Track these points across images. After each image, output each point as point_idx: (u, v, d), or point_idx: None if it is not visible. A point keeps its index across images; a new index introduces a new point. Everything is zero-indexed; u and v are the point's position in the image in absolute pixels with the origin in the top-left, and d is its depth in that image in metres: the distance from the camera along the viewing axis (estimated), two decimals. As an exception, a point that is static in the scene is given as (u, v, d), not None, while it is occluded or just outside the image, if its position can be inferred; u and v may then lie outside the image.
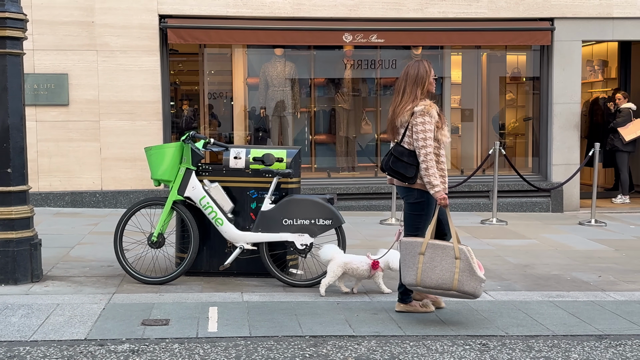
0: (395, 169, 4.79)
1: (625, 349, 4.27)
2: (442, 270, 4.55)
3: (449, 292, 4.60)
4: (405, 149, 4.78)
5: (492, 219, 9.22)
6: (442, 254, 4.59)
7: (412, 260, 4.64)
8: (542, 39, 10.05)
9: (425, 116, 4.71)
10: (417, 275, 4.59)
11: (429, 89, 4.86)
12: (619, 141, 11.08)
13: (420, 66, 4.85)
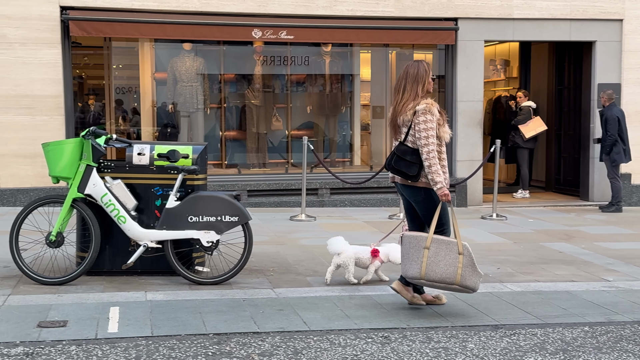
0: (398, 168, 4.86)
1: (519, 338, 4.45)
2: (446, 265, 4.68)
3: (451, 286, 4.75)
4: (409, 147, 4.84)
5: (399, 213, 9.41)
6: (446, 249, 4.72)
7: (416, 254, 4.74)
8: (446, 39, 10.33)
9: (428, 114, 4.76)
10: (422, 268, 4.70)
11: (428, 88, 4.93)
12: (519, 138, 11.53)
13: (420, 66, 4.94)
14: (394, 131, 4.99)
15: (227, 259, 5.79)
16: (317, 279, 5.89)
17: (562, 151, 12.12)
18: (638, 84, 10.73)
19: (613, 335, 4.53)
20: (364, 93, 11.51)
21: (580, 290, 5.70)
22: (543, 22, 10.51)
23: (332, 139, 11.33)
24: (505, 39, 11.15)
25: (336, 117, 11.31)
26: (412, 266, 4.76)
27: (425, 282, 4.77)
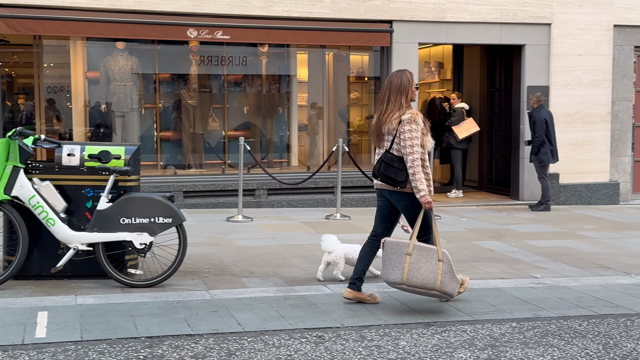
0: (387, 174, 4.98)
1: (449, 334, 4.54)
2: (427, 271, 4.83)
3: (431, 292, 4.90)
4: (395, 155, 4.99)
5: (336, 214, 9.48)
6: (427, 255, 4.88)
7: (398, 260, 4.87)
8: (381, 41, 10.46)
9: (413, 124, 4.91)
10: (404, 274, 4.83)
11: (412, 97, 5.07)
12: (453, 139, 11.77)
13: (402, 76, 5.06)
14: (378, 139, 5.12)
15: (161, 261, 5.72)
16: (253, 280, 5.88)
17: (494, 152, 12.42)
18: (565, 87, 11.09)
19: (539, 330, 4.68)
20: (301, 94, 11.54)
21: (509, 287, 5.86)
22: (475, 26, 10.75)
23: (270, 140, 11.32)
24: (438, 42, 11.36)
25: (273, 117, 11.31)
26: (393, 272, 4.90)
27: (406, 287, 4.92)
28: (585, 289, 5.80)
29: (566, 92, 11.10)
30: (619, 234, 8.65)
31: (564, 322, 4.86)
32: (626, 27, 11.25)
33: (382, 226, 5.26)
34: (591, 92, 11.18)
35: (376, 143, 5.18)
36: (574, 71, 11.11)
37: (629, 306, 5.31)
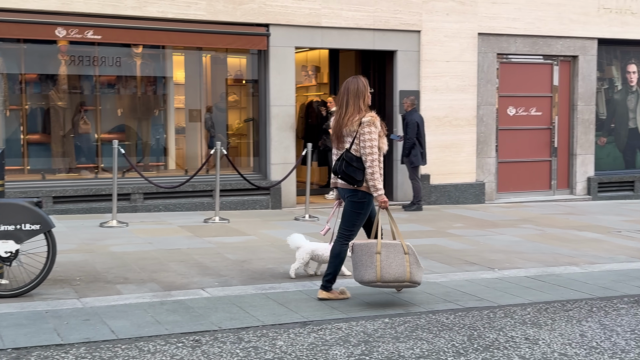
0: (347, 173, 5.26)
1: (325, 333, 4.65)
2: (397, 266, 5.17)
3: (403, 284, 5.26)
4: (354, 155, 5.28)
5: (214, 217, 9.42)
6: (394, 251, 5.22)
7: (369, 259, 5.18)
8: (258, 44, 10.51)
9: (372, 126, 5.24)
10: (377, 272, 5.15)
11: (368, 101, 5.39)
12: (330, 142, 11.99)
13: (358, 82, 5.42)
14: (338, 141, 5.42)
15: (29, 270, 5.47)
16: (128, 286, 5.75)
17: (370, 154, 12.76)
18: (434, 92, 11.60)
19: (410, 325, 4.88)
20: (178, 96, 11.37)
21: (382, 284, 6.05)
22: (349, 31, 11.03)
23: (146, 143, 11.08)
24: (315, 46, 11.55)
25: (149, 120, 11.08)
26: (367, 271, 5.19)
27: (381, 284, 5.20)
28: (453, 284, 6.10)
29: (435, 96, 11.61)
30: (484, 232, 9.15)
31: (433, 316, 5.09)
32: (489, 36, 11.93)
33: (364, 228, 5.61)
34: (458, 97, 11.76)
35: (336, 144, 5.47)
36: (442, 77, 11.64)
37: (492, 299, 5.64)
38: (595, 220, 10.35)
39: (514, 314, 5.20)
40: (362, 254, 5.25)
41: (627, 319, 5.08)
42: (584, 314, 5.23)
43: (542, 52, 12.35)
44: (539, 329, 4.80)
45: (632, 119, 13.35)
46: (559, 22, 12.29)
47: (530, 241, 8.47)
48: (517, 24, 12.02)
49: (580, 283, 6.23)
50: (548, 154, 12.73)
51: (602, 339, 4.60)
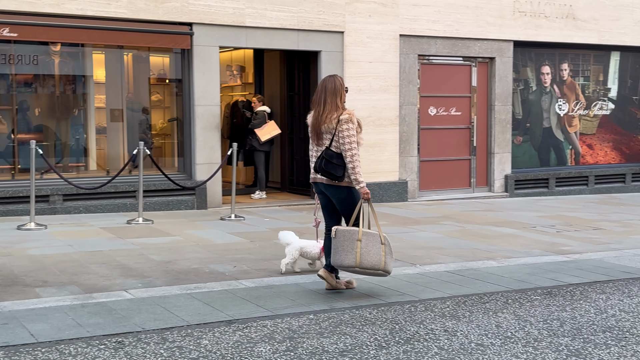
0: (327, 170, 5.52)
1: (251, 330, 4.68)
2: (374, 254, 5.47)
3: (378, 272, 5.54)
4: (334, 152, 5.53)
5: (138, 218, 9.28)
6: (373, 240, 5.50)
7: (350, 245, 5.45)
8: (182, 43, 10.42)
9: (350, 123, 5.51)
10: (357, 258, 5.44)
11: (344, 99, 5.65)
12: (256, 142, 12.02)
13: (335, 80, 5.66)
14: (317, 138, 5.67)
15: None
16: (48, 289, 5.62)
17: (295, 154, 12.86)
18: (358, 92, 11.77)
19: (334, 320, 4.97)
20: (99, 95, 11.13)
21: (308, 282, 6.13)
22: (273, 31, 11.07)
23: (65, 143, 10.80)
24: (239, 46, 11.53)
25: (68, 120, 10.81)
26: (347, 256, 5.46)
27: (358, 269, 5.52)
28: (376, 280, 6.23)
29: (359, 96, 11.79)
30: (407, 229, 9.36)
31: (357, 312, 5.20)
32: (410, 37, 12.20)
33: (332, 220, 5.84)
34: (381, 97, 11.98)
35: (315, 141, 5.71)
36: (365, 77, 11.83)
37: (413, 294, 5.80)
38: (512, 216, 10.74)
39: (434, 307, 5.37)
40: (344, 239, 5.48)
41: (540, 310, 5.33)
42: (500, 305, 5.44)
43: (461, 54, 12.72)
44: (458, 321, 4.98)
45: (546, 118, 13.91)
46: (477, 25, 12.69)
47: (450, 237, 8.72)
48: (437, 26, 12.34)
49: (497, 277, 6.48)
50: (467, 152, 13.12)
51: (517, 329, 4.81)
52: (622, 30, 14.05)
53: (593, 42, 13.83)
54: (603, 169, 14.32)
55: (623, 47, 14.31)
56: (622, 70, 14.55)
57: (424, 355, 4.23)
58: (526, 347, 4.41)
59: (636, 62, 14.61)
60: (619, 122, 14.64)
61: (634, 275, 6.59)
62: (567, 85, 14.02)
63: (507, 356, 4.24)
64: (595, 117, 14.40)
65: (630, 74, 14.62)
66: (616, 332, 4.76)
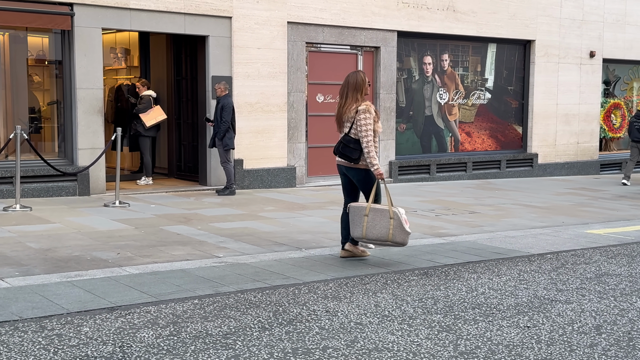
0: (344, 153, 6.42)
1: (134, 317, 4.66)
2: (380, 227, 6.28)
3: (386, 243, 6.36)
4: (352, 138, 6.38)
5: (15, 205, 8.92)
6: (380, 215, 6.29)
7: (359, 220, 6.34)
8: (62, 24, 10.04)
9: (367, 113, 6.29)
10: (363, 230, 6.34)
11: (366, 92, 6.41)
12: (141, 127, 11.79)
13: (357, 76, 6.44)
14: (340, 126, 6.52)
15: None
16: None
17: (182, 139, 12.72)
18: (246, 78, 11.79)
19: (219, 304, 5.02)
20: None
21: (193, 267, 6.15)
22: (159, 14, 10.87)
23: None
24: (123, 28, 11.22)
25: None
26: (356, 229, 6.38)
27: (366, 240, 6.41)
28: (262, 265, 6.34)
29: (248, 82, 11.81)
30: (294, 214, 9.52)
31: (241, 295, 5.28)
32: (298, 25, 12.32)
33: (350, 199, 6.72)
34: (270, 84, 12.05)
35: (338, 129, 6.55)
36: (254, 63, 11.85)
37: (298, 277, 5.94)
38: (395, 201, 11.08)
39: (317, 289, 5.53)
40: (354, 214, 6.39)
41: (416, 289, 5.61)
42: (379, 286, 5.68)
43: (348, 42, 12.99)
44: (339, 302, 5.16)
45: (428, 107, 14.46)
46: (363, 15, 12.98)
47: (336, 222, 8.90)
48: (324, 14, 12.53)
49: (379, 259, 6.74)
50: (354, 139, 13.42)
51: (394, 308, 5.05)
52: (498, 23, 14.79)
53: (472, 34, 14.48)
54: (480, 155, 15.07)
55: (499, 40, 15.07)
56: (498, 62, 15.33)
57: (306, 335, 4.38)
58: (402, 325, 4.65)
59: (511, 54, 15.43)
60: (495, 111, 15.43)
61: (504, 255, 7.04)
62: (448, 75, 14.62)
63: (384, 333, 4.45)
64: (474, 106, 15.11)
65: (505, 65, 15.43)
66: (484, 308, 5.10)
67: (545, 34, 15.51)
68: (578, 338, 4.44)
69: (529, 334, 4.50)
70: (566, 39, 15.87)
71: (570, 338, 4.44)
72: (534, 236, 8.21)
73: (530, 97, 15.63)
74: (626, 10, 16.82)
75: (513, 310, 5.04)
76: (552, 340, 4.40)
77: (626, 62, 17.34)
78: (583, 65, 16.23)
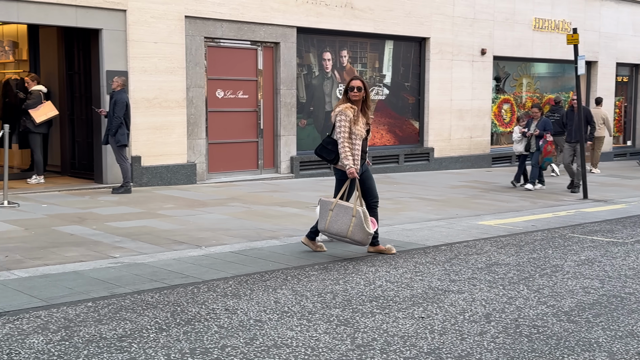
0: (320, 154, 6.81)
1: (22, 322, 4.47)
2: (342, 223, 6.53)
3: (345, 239, 6.61)
4: (332, 139, 6.73)
5: None
6: (344, 212, 6.54)
7: (325, 213, 6.62)
8: (-58, 14, 9.46)
9: (342, 115, 6.57)
10: (326, 224, 6.59)
11: (351, 96, 6.65)
12: (30, 123, 11.29)
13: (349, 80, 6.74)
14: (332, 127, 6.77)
15: None
16: None
17: (76, 136, 12.29)
18: (143, 73, 11.51)
19: (114, 307, 4.89)
20: None
21: (87, 269, 5.96)
22: (49, 7, 10.43)
23: None
24: (9, 20, 10.69)
25: None
26: (321, 222, 6.67)
27: (327, 233, 6.67)
28: (160, 264, 6.22)
29: (144, 77, 11.53)
30: (194, 211, 9.40)
31: (138, 296, 5.16)
32: (196, 19, 12.14)
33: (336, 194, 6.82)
34: (168, 79, 11.82)
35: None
36: (151, 58, 11.59)
37: (197, 275, 5.87)
38: (296, 196, 11.20)
39: (217, 287, 5.49)
40: (323, 208, 6.65)
41: (316, 284, 5.67)
42: (279, 282, 5.70)
43: (248, 38, 12.92)
44: (239, 300, 5.14)
45: (328, 102, 14.60)
46: (262, 10, 12.94)
47: (237, 218, 8.91)
48: (223, 9, 12.40)
49: (279, 255, 6.76)
50: (255, 135, 13.40)
51: (293, 304, 5.08)
52: (394, 20, 15.12)
53: (369, 30, 14.73)
54: (380, 150, 15.37)
55: (396, 37, 15.41)
56: (396, 59, 15.68)
57: (204, 334, 4.33)
58: (301, 320, 4.68)
59: (407, 50, 15.82)
60: (393, 106, 15.78)
61: (401, 248, 7.22)
62: (347, 71, 14.82)
63: (283, 329, 4.47)
64: (372, 102, 15.39)
65: (402, 62, 15.80)
66: (381, 301, 5.22)
67: (439, 32, 15.99)
68: (469, 326, 4.63)
69: (423, 325, 4.64)
70: (459, 37, 16.42)
71: (461, 327, 4.62)
72: (430, 228, 8.47)
73: (426, 93, 16.08)
74: (515, 9, 17.59)
75: (409, 302, 5.18)
76: (444, 329, 4.55)
77: (515, 60, 18.14)
78: (475, 63, 16.85)
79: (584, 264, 6.62)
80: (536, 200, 11.41)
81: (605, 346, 4.28)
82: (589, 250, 7.34)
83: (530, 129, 12.91)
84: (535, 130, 12.78)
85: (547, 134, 12.72)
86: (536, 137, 12.77)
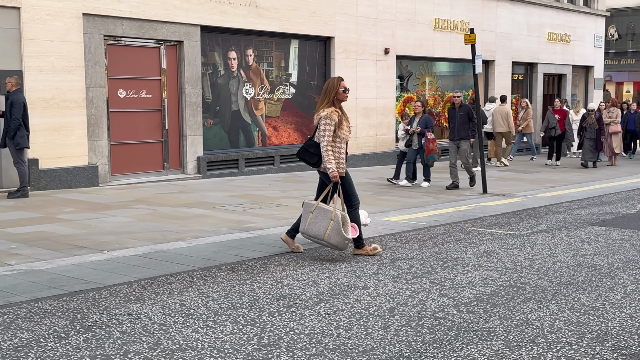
0: (302, 157, 6.73)
1: None
2: (319, 226, 6.53)
3: (322, 242, 6.56)
4: (314, 142, 6.64)
5: None
6: (323, 215, 6.53)
7: (306, 215, 6.62)
8: None
9: (327, 119, 6.50)
10: (305, 226, 6.61)
11: (338, 98, 6.61)
12: None
13: (331, 81, 6.65)
14: (314, 130, 6.69)
15: None
16: None
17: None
18: (39, 72, 11.07)
19: (10, 316, 4.69)
20: None
21: (-20, 278, 5.68)
22: None
23: None
24: None
25: None
26: (302, 224, 6.66)
27: (305, 235, 6.65)
28: (59, 270, 6.01)
29: (41, 77, 11.10)
30: (97, 214, 9.12)
31: (35, 304, 4.97)
32: (95, 16, 11.79)
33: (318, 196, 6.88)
34: (66, 78, 11.41)
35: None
36: (47, 57, 11.16)
37: (99, 280, 5.70)
38: (203, 197, 11.07)
39: (120, 292, 5.35)
40: (305, 209, 6.67)
41: (223, 285, 5.62)
42: (185, 285, 5.62)
43: (150, 36, 12.65)
44: (142, 304, 5.03)
45: (234, 102, 14.51)
46: (164, 8, 12.71)
47: (141, 221, 8.71)
48: (123, 6, 12.10)
49: (185, 257, 6.66)
50: (160, 135, 13.15)
51: (199, 306, 5.02)
52: (299, 20, 15.19)
53: (274, 29, 14.74)
54: (287, 149, 15.40)
55: (301, 36, 15.49)
56: (301, 57, 15.76)
57: (106, 341, 4.22)
58: (207, 322, 4.64)
59: (313, 50, 15.93)
60: (300, 105, 15.86)
61: (308, 246, 7.26)
62: (253, 70, 14.77)
63: (188, 332, 4.41)
64: (279, 101, 15.41)
65: (308, 61, 15.90)
66: (288, 299, 5.23)
67: (343, 31, 16.19)
68: (373, 321, 4.71)
69: (329, 321, 4.69)
70: (363, 36, 16.68)
71: (366, 322, 4.70)
72: (337, 226, 8.55)
73: (332, 91, 16.21)
74: (416, 10, 18.04)
75: (315, 299, 5.23)
76: (349, 325, 4.62)
77: (417, 59, 18.60)
78: (379, 62, 17.16)
79: (482, 256, 6.88)
80: (439, 196, 11.75)
81: (502, 335, 4.46)
82: (488, 242, 7.62)
83: (413, 126, 13.03)
84: (417, 128, 12.88)
85: (429, 131, 12.77)
86: (418, 134, 12.86)
